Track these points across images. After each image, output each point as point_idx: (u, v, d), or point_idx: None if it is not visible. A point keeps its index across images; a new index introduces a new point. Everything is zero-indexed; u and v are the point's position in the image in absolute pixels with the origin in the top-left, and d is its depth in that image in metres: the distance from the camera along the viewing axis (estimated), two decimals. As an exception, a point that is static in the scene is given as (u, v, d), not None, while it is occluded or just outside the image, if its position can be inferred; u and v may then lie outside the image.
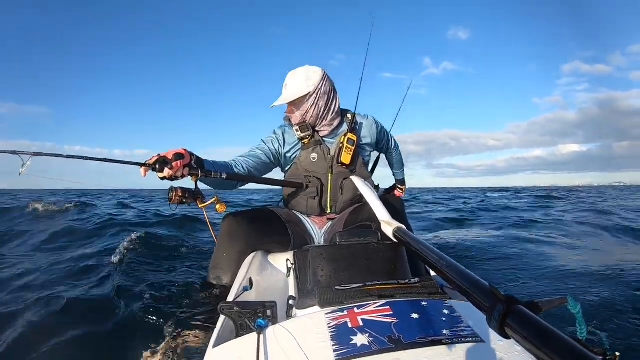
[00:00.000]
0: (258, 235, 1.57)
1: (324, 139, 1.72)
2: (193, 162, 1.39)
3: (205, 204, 1.46)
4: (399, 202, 1.56)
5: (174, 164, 1.29)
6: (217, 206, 1.55)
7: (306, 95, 1.61)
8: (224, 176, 1.45)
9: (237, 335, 0.88)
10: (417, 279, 1.03)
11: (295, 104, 1.64)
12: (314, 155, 1.70)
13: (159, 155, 1.30)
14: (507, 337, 0.49)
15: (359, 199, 1.69)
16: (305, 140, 1.70)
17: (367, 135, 1.79)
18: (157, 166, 1.28)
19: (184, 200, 1.40)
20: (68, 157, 1.41)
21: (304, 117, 1.65)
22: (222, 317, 1.00)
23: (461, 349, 0.67)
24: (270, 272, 1.54)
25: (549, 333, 0.43)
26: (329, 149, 1.71)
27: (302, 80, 1.62)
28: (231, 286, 1.39)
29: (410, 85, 3.10)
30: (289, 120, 1.76)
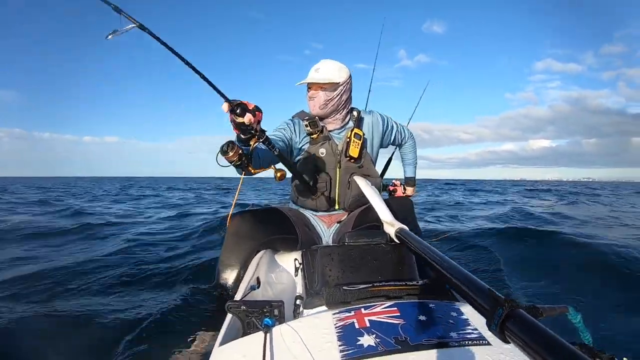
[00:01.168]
0: (266, 235, 1.57)
1: (331, 133, 1.77)
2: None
3: (261, 169, 1.32)
4: (408, 203, 1.55)
5: (257, 115, 1.19)
6: (278, 174, 1.37)
7: (336, 84, 1.68)
8: (276, 152, 1.39)
9: (244, 334, 0.89)
10: (424, 281, 1.02)
11: (323, 87, 1.68)
12: (323, 150, 1.73)
13: (241, 101, 1.17)
14: (506, 341, 0.48)
15: (357, 195, 1.70)
16: (314, 136, 1.73)
17: (371, 130, 1.82)
18: (239, 110, 1.15)
19: (240, 161, 1.24)
20: (165, 45, 1.24)
21: (327, 102, 1.69)
22: (229, 316, 1.00)
23: (467, 352, 0.67)
24: (277, 272, 1.54)
25: (549, 339, 0.43)
26: (337, 145, 1.74)
27: (335, 69, 1.69)
28: (238, 285, 1.40)
29: (428, 84, 3.05)
30: (299, 117, 1.81)
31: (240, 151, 1.23)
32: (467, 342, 0.69)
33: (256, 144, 1.27)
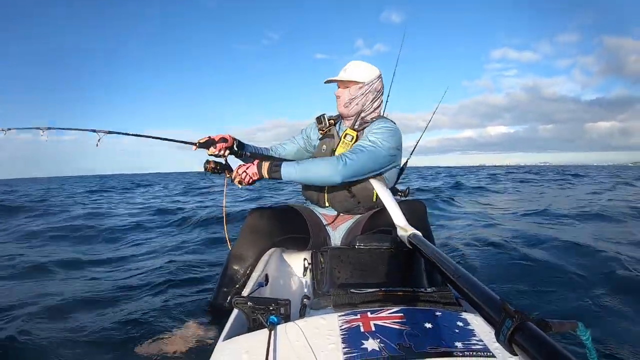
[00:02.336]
0: (281, 233, 1.58)
1: (339, 131, 1.80)
2: (235, 145, 1.72)
3: (231, 173, 1.69)
4: (421, 208, 1.53)
5: (218, 145, 1.65)
6: (236, 181, 1.75)
7: (360, 83, 1.69)
8: (248, 154, 1.76)
9: (249, 330, 0.89)
10: (433, 288, 1.02)
11: (348, 86, 1.71)
12: (324, 146, 1.78)
13: (209, 137, 1.65)
14: (514, 353, 0.48)
15: (355, 201, 1.67)
16: (322, 132, 1.82)
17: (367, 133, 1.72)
18: (205, 145, 1.63)
19: (217, 170, 1.69)
20: (138, 135, 1.94)
21: (350, 101, 1.71)
22: (235, 311, 1.01)
23: None
24: (286, 270, 1.55)
25: (557, 354, 0.42)
26: (337, 141, 1.75)
27: (361, 70, 1.71)
28: (246, 280, 1.41)
29: (445, 92, 2.91)
30: (318, 121, 1.86)
31: (213, 165, 1.67)
32: (471, 353, 0.68)
33: (227, 156, 1.71)
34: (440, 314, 0.82)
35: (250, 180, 1.59)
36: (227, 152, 1.70)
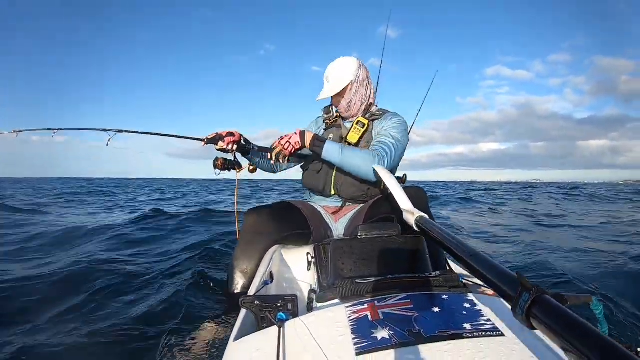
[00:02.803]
0: (280, 230, 1.58)
1: (345, 121, 1.82)
2: (242, 140, 1.72)
3: (240, 169, 1.80)
4: (422, 193, 1.53)
5: (225, 139, 1.65)
6: (250, 168, 1.85)
7: (348, 85, 1.71)
8: (256, 148, 1.78)
9: (258, 329, 0.90)
10: (437, 272, 1.02)
11: (340, 94, 1.73)
12: (331, 135, 1.78)
13: (217, 133, 1.67)
14: (532, 327, 0.48)
15: (364, 188, 1.68)
16: (328, 122, 1.84)
17: (383, 124, 1.75)
18: (213, 141, 1.65)
19: (226, 166, 1.75)
20: (147, 133, 1.96)
21: (349, 104, 1.74)
22: (243, 311, 1.01)
23: (482, 343, 0.66)
24: (290, 266, 1.55)
25: (577, 324, 0.42)
26: (345, 131, 1.76)
27: (342, 71, 1.71)
28: (252, 280, 1.41)
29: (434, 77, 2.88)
30: (325, 111, 1.87)
31: (222, 161, 1.76)
32: (480, 334, 0.68)
33: (235, 152, 1.73)
34: (446, 297, 0.83)
35: (293, 149, 1.57)
36: (235, 146, 1.69)
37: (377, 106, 1.84)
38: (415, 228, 1.10)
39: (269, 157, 1.61)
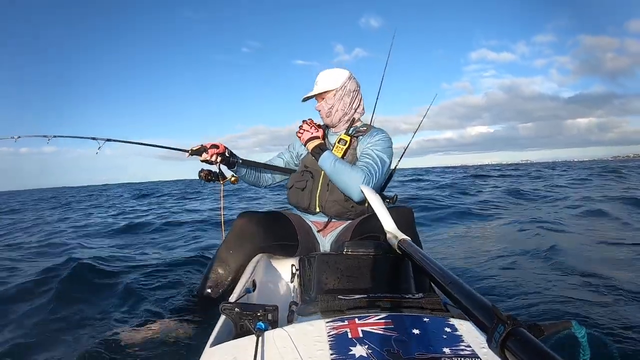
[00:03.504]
0: (269, 239, 1.57)
1: (329, 139, 1.84)
2: (226, 153, 1.74)
3: (224, 180, 1.86)
4: (409, 214, 1.54)
5: (209, 151, 1.67)
6: (232, 179, 1.90)
7: (332, 90, 1.75)
8: (240, 160, 1.79)
9: (236, 336, 0.88)
10: (420, 294, 1.02)
11: (323, 97, 1.78)
12: None
13: (201, 145, 1.68)
14: (506, 359, 0.48)
15: (348, 205, 1.68)
16: None
17: (366, 141, 1.74)
18: (197, 152, 1.67)
19: (210, 178, 1.82)
20: (135, 143, 2.05)
21: (330, 110, 1.77)
22: (222, 317, 1.00)
23: None
24: (274, 276, 1.54)
25: (548, 359, 0.43)
26: (330, 147, 1.76)
27: (329, 77, 1.77)
28: (233, 285, 1.40)
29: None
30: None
31: (206, 172, 1.85)
32: (459, 359, 0.68)
33: (219, 163, 1.74)
34: (427, 319, 0.82)
35: (311, 136, 1.72)
36: (219, 158, 1.72)
37: (361, 121, 1.86)
38: (398, 251, 1.10)
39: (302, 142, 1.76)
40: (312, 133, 1.74)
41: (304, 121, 1.81)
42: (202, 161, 1.70)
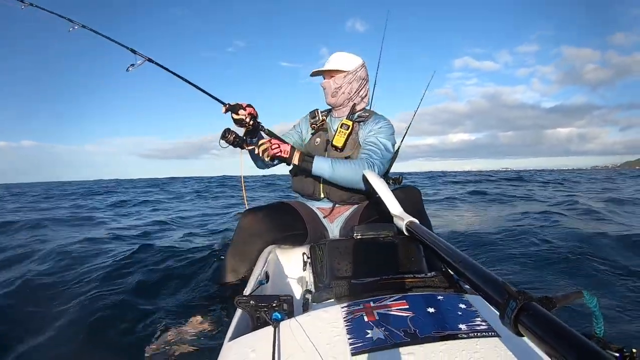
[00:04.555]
0: (276, 232, 1.58)
1: (331, 124, 1.82)
2: (257, 118, 1.63)
3: (250, 147, 1.64)
4: (417, 195, 1.54)
5: (247, 109, 1.59)
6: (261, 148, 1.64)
7: (344, 72, 1.73)
8: (267, 130, 1.67)
9: (254, 329, 0.89)
10: (433, 273, 1.02)
11: (332, 75, 1.75)
12: (317, 139, 1.79)
13: (237, 103, 1.60)
14: (520, 334, 0.48)
15: (352, 190, 1.67)
16: (315, 126, 1.83)
17: (369, 127, 1.74)
18: (233, 108, 1.59)
19: (236, 142, 1.62)
20: (174, 74, 1.81)
21: (337, 90, 1.75)
22: (238, 311, 1.01)
23: (477, 344, 0.66)
24: (286, 266, 1.55)
25: (562, 331, 0.43)
26: (332, 134, 1.76)
27: (344, 59, 1.75)
28: (247, 280, 1.41)
29: (430, 80, 2.89)
30: (311, 116, 1.88)
31: (234, 135, 1.61)
32: (476, 334, 0.68)
33: (248, 129, 1.62)
34: (442, 297, 0.83)
35: (278, 153, 1.55)
36: (251, 121, 1.60)
37: (364, 109, 1.83)
38: (406, 233, 1.10)
39: (256, 151, 1.56)
40: (286, 144, 1.58)
41: (268, 140, 1.57)
42: (236, 119, 1.60)
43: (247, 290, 1.21)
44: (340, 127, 1.71)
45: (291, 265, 1.56)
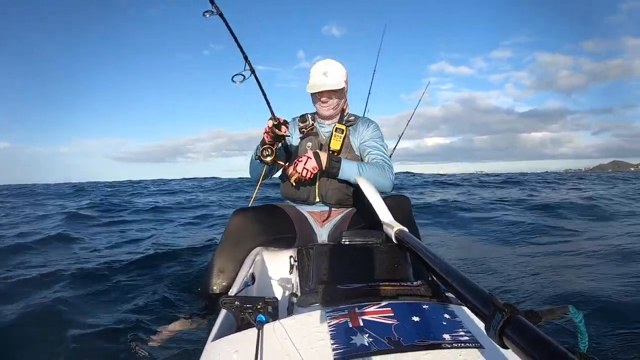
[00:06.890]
0: (265, 233, 1.57)
1: (321, 129, 1.83)
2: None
3: (285, 164, 1.66)
4: (406, 203, 1.54)
5: (284, 127, 1.56)
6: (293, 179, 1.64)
7: (344, 88, 1.75)
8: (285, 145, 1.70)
9: (237, 330, 0.89)
10: (419, 282, 1.02)
11: (336, 92, 1.74)
12: (309, 143, 1.79)
13: (282, 119, 1.56)
14: (505, 347, 0.48)
15: (349, 191, 1.71)
16: (304, 130, 1.82)
17: (359, 136, 1.79)
18: (278, 125, 1.54)
19: (275, 157, 1.59)
20: (263, 94, 1.64)
21: (337, 105, 1.77)
22: (222, 311, 1.00)
23: (460, 355, 0.66)
24: (272, 269, 1.54)
25: (547, 345, 0.43)
26: (323, 138, 1.79)
27: (339, 74, 1.73)
28: (233, 281, 1.40)
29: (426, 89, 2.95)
30: (301, 120, 1.86)
31: (274, 152, 1.59)
32: (459, 345, 0.69)
33: (280, 145, 1.64)
34: (427, 307, 0.83)
35: (311, 175, 1.57)
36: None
37: (355, 115, 1.87)
38: (394, 241, 1.11)
39: (290, 181, 1.61)
40: (308, 158, 1.56)
41: (295, 163, 1.58)
42: (277, 135, 1.56)
43: (232, 291, 1.20)
44: (335, 131, 1.73)
45: (278, 268, 1.55)
